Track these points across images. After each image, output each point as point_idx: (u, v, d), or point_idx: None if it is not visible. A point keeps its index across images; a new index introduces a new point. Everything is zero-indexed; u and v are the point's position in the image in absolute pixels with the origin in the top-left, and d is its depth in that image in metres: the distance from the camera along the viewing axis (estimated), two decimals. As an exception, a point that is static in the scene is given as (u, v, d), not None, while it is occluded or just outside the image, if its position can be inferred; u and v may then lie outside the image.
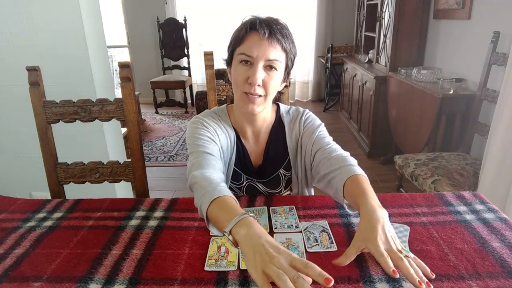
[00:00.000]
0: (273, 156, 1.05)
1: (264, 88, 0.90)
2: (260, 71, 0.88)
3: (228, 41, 0.96)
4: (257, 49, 0.87)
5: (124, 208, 0.97)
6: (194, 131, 0.98)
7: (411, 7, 2.81)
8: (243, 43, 0.89)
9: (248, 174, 1.05)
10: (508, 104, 1.63)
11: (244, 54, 0.88)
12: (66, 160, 1.23)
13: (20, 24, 1.74)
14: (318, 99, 5.37)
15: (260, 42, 0.87)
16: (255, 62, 0.88)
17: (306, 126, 1.04)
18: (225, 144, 1.00)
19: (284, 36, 0.90)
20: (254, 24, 0.88)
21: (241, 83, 0.90)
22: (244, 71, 0.89)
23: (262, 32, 0.86)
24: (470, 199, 0.97)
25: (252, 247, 0.62)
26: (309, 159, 1.02)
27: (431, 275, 0.67)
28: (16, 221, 0.93)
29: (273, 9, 4.80)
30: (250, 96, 0.90)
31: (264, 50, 0.87)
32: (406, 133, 2.67)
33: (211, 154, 0.92)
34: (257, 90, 0.89)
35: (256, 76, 0.87)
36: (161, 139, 3.95)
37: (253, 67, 0.88)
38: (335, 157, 0.93)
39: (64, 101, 1.17)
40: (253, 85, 0.88)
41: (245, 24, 0.90)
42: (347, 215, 0.90)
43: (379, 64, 3.28)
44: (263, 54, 0.87)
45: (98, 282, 0.69)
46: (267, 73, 0.90)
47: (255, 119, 1.00)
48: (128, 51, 5.27)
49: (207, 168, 0.87)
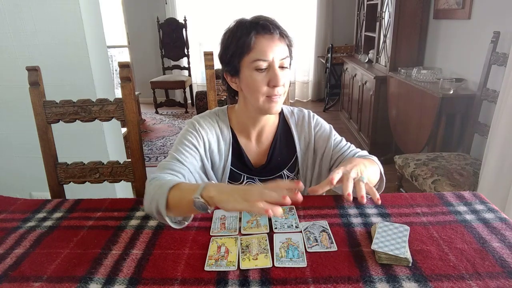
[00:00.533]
0: (277, 157, 1.05)
1: (283, 87, 0.92)
2: (280, 72, 0.90)
3: (221, 49, 0.93)
4: (271, 50, 0.88)
5: (124, 208, 0.97)
6: (183, 134, 1.00)
7: (411, 7, 2.81)
8: (253, 49, 0.88)
9: (249, 173, 1.05)
10: (508, 104, 1.63)
11: (259, 60, 0.88)
12: (66, 160, 1.23)
13: (20, 24, 1.74)
14: (318, 99, 5.37)
15: (272, 44, 0.88)
16: (272, 64, 0.89)
17: (318, 131, 1.06)
18: (216, 146, 1.01)
19: (286, 34, 0.92)
20: (264, 25, 0.87)
21: (262, 88, 0.90)
22: (264, 76, 0.90)
23: (275, 33, 0.88)
24: (470, 199, 0.97)
25: (227, 192, 0.68)
26: (327, 164, 1.05)
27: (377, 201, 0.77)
28: (16, 221, 0.93)
29: (273, 9, 4.80)
30: (273, 97, 0.91)
31: (278, 50, 0.89)
32: (406, 133, 2.67)
33: (182, 163, 0.94)
34: (279, 91, 0.91)
35: (279, 78, 0.89)
36: (161, 139, 3.95)
37: (272, 70, 0.89)
38: (358, 156, 1.00)
39: (64, 101, 1.17)
40: (277, 86, 0.90)
41: (249, 28, 0.87)
42: (347, 215, 0.90)
43: (379, 64, 3.28)
44: (278, 54, 0.89)
45: (98, 282, 0.69)
46: (282, 71, 0.91)
47: (260, 119, 1.00)
48: (128, 51, 5.27)
49: (171, 171, 0.90)
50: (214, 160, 1.02)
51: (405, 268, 0.70)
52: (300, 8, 4.97)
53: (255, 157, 1.06)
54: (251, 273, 0.71)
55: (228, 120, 1.05)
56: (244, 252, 0.76)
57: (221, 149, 1.02)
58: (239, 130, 1.04)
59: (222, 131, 1.02)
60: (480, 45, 2.18)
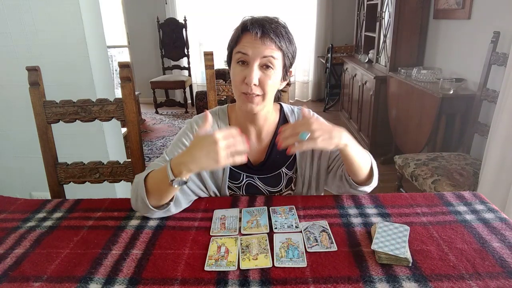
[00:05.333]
0: (276, 155, 1.05)
1: (261, 88, 0.91)
2: (256, 71, 0.89)
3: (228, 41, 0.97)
4: (251, 48, 0.89)
5: (124, 208, 0.97)
6: (179, 136, 1.02)
7: (411, 7, 2.81)
8: (239, 43, 0.91)
9: (248, 172, 1.05)
10: (508, 104, 1.63)
11: (240, 52, 0.90)
12: (66, 160, 1.23)
13: (20, 24, 1.74)
14: (318, 99, 5.37)
15: (254, 42, 0.89)
16: (250, 61, 0.90)
17: None
18: None
19: (278, 35, 0.90)
20: (247, 24, 0.90)
21: (239, 83, 0.92)
22: (241, 71, 0.91)
23: (254, 32, 0.88)
24: (470, 199, 0.97)
25: (192, 160, 0.77)
26: (326, 163, 1.05)
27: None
28: (16, 221, 0.93)
29: (273, 9, 4.80)
30: (248, 95, 0.91)
31: (258, 49, 0.89)
32: (406, 133, 2.67)
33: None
34: (254, 89, 0.90)
35: (252, 76, 0.89)
36: (161, 139, 3.95)
37: (249, 67, 0.90)
38: None
39: (64, 101, 1.17)
40: (249, 84, 0.90)
41: (240, 24, 0.92)
42: (347, 215, 0.90)
43: (379, 64, 3.28)
44: (257, 53, 0.89)
45: (98, 282, 0.69)
46: (263, 72, 0.91)
47: (256, 118, 1.00)
48: (128, 51, 5.27)
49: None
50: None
51: (405, 268, 0.70)
52: (300, 8, 4.97)
53: (254, 155, 1.06)
54: (251, 273, 0.71)
55: (228, 119, 1.05)
56: (244, 252, 0.77)
57: None
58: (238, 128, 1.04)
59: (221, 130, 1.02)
60: (480, 45, 2.18)
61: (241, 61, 0.91)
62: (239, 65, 0.92)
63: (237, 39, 0.91)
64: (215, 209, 0.94)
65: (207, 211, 0.94)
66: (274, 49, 0.90)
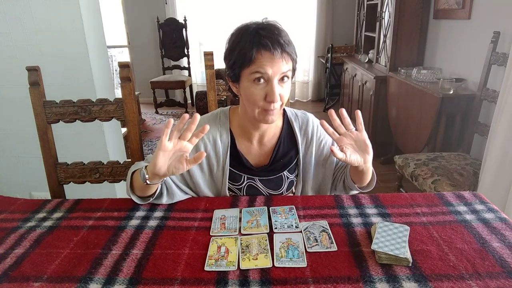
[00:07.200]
0: (280, 158, 1.06)
1: (280, 100, 0.92)
2: (277, 87, 0.89)
3: (226, 51, 0.94)
4: (271, 67, 0.87)
5: (124, 208, 0.97)
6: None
7: (411, 7, 2.81)
8: (254, 62, 0.87)
9: (249, 174, 1.05)
10: (508, 104, 1.63)
11: (258, 72, 0.87)
12: (66, 160, 1.23)
13: (20, 24, 1.74)
14: (318, 99, 5.37)
15: (273, 60, 0.87)
16: (270, 78, 0.88)
17: (320, 136, 1.08)
18: (212, 150, 1.02)
19: (290, 46, 0.90)
20: (264, 44, 0.86)
21: (259, 101, 0.90)
22: (261, 89, 0.89)
23: (273, 50, 0.86)
24: (470, 199, 0.97)
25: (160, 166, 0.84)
26: (330, 172, 1.08)
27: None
28: (16, 221, 0.93)
29: (273, 9, 4.79)
30: (269, 111, 0.91)
31: (277, 67, 0.87)
32: (406, 133, 2.67)
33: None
34: (275, 105, 0.91)
35: (276, 95, 0.88)
36: (161, 139, 3.94)
37: (269, 84, 0.88)
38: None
39: (64, 101, 1.17)
40: (273, 102, 0.89)
41: (251, 42, 0.87)
42: (347, 215, 0.90)
43: (379, 64, 3.28)
44: (277, 70, 0.88)
45: (98, 282, 0.69)
46: (281, 85, 0.90)
47: (261, 124, 1.00)
48: (128, 51, 5.27)
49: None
50: (212, 163, 1.03)
51: (405, 268, 0.70)
52: (300, 8, 4.96)
53: (256, 158, 1.06)
54: (251, 273, 0.71)
55: (229, 122, 1.05)
56: (244, 252, 0.77)
57: (219, 152, 1.03)
58: (240, 133, 1.04)
59: (221, 134, 1.03)
60: (480, 45, 2.18)
61: (258, 78, 0.88)
62: (255, 83, 0.89)
63: (251, 59, 0.87)
64: (215, 209, 0.94)
65: (207, 211, 0.94)
66: (289, 61, 0.90)
